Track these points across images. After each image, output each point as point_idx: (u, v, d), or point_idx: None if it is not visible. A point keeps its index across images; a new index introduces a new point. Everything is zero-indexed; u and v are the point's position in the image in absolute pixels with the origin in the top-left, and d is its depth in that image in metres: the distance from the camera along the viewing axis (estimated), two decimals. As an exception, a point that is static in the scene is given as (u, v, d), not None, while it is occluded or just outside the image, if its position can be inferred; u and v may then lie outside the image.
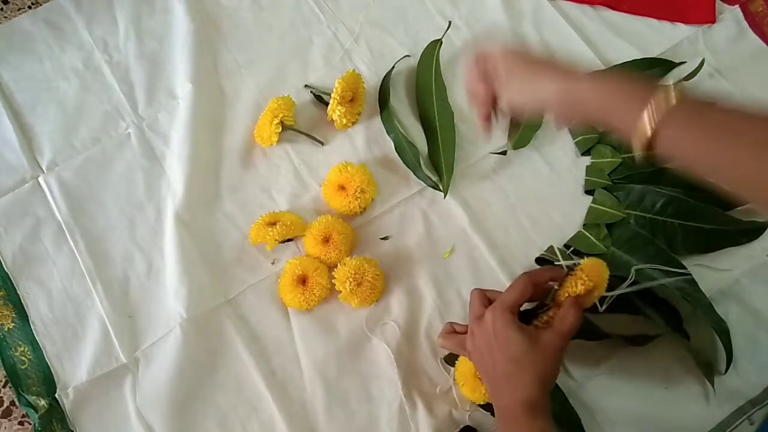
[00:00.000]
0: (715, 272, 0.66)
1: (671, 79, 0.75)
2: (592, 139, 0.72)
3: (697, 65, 0.74)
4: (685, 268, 0.64)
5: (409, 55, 0.77)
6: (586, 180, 0.71)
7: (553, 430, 0.50)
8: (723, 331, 0.62)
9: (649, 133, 0.44)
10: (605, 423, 0.61)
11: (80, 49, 0.78)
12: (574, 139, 0.73)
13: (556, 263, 0.62)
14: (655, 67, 0.76)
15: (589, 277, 0.54)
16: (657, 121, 0.44)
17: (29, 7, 0.82)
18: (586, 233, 0.68)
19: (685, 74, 0.74)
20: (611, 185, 0.69)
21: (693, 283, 0.63)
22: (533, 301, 0.58)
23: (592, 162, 0.72)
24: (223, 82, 0.77)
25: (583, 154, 0.72)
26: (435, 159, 0.72)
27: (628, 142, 0.46)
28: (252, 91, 0.76)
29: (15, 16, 0.80)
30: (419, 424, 0.61)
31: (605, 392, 0.62)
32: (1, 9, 0.83)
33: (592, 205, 0.69)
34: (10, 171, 0.71)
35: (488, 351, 0.53)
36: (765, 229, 0.67)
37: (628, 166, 0.70)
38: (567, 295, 0.55)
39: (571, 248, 0.67)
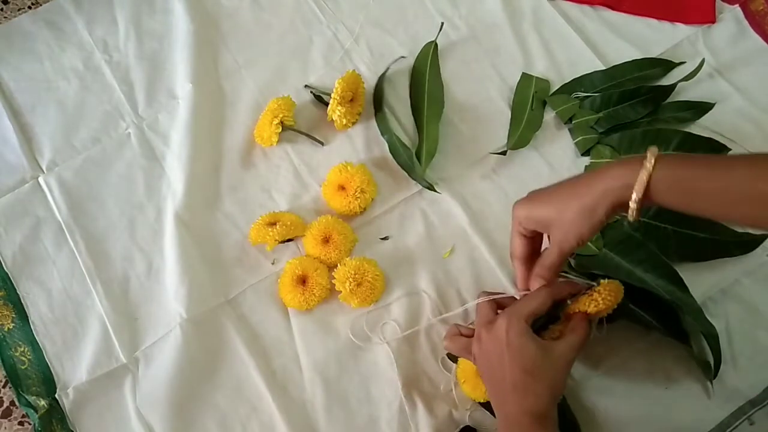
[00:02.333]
0: (714, 272, 0.66)
1: (671, 79, 0.75)
2: (592, 140, 0.72)
3: (697, 65, 0.74)
4: (676, 272, 0.63)
5: (405, 57, 0.77)
6: (585, 180, 0.71)
7: None
8: (712, 337, 0.61)
9: (645, 179, 0.46)
10: (605, 423, 0.61)
11: (80, 49, 0.78)
12: (574, 139, 0.73)
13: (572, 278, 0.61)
14: (655, 67, 0.75)
15: (605, 300, 0.54)
16: (650, 169, 0.46)
17: (29, 7, 0.82)
18: None
19: (685, 74, 0.74)
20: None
21: (683, 287, 0.63)
22: None
23: (591, 162, 0.72)
24: (223, 82, 0.77)
25: (583, 155, 0.72)
26: (418, 150, 0.71)
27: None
28: (252, 91, 0.76)
29: (15, 16, 0.80)
30: (419, 425, 0.61)
31: (605, 392, 0.62)
32: (1, 9, 0.83)
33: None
34: (10, 171, 0.71)
35: (498, 358, 0.53)
36: (760, 243, 0.66)
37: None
38: (577, 310, 0.55)
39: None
